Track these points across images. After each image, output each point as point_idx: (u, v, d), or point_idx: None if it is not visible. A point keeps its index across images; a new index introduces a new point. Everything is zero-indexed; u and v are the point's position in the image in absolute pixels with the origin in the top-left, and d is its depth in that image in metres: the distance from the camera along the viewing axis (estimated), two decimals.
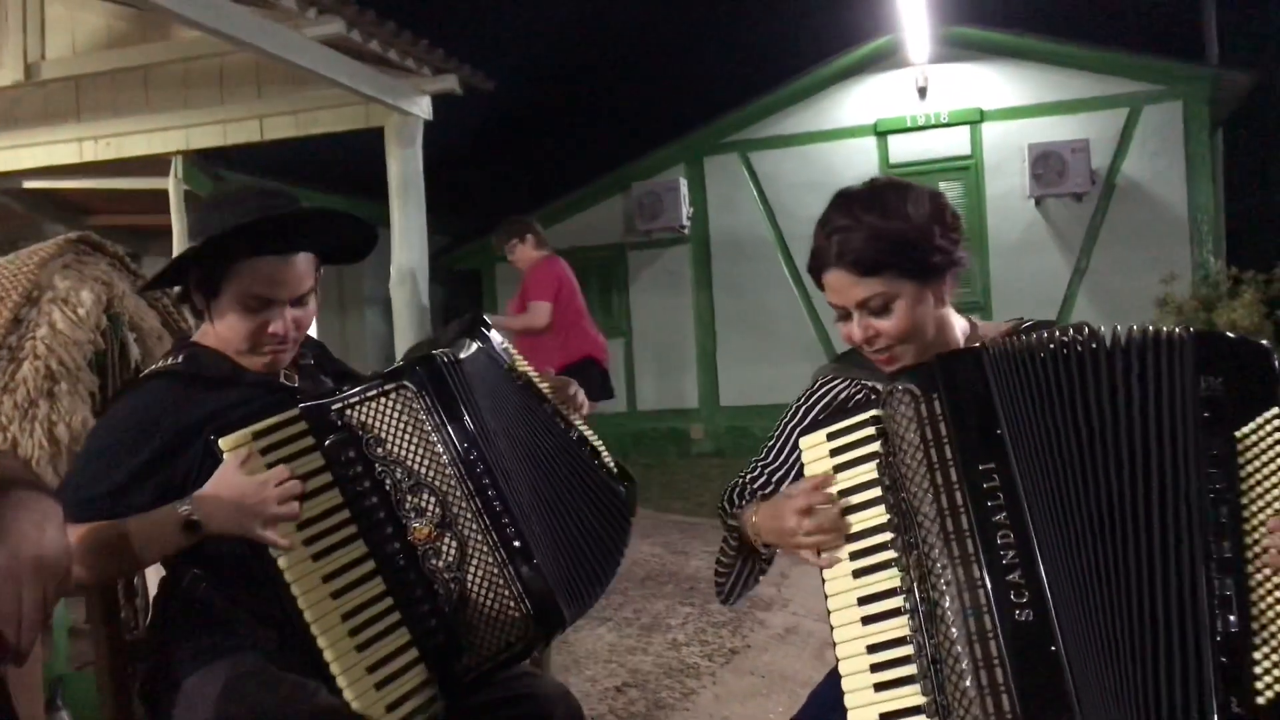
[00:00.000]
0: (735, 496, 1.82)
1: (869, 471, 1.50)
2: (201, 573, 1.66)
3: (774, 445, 1.83)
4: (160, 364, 1.78)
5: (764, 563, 1.80)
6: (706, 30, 15.38)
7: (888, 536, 1.47)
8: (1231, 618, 1.32)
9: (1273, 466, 1.36)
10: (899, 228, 1.58)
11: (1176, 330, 1.43)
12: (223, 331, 1.73)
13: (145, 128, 6.62)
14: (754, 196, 10.05)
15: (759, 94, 9.99)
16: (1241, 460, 1.37)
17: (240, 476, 1.56)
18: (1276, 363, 1.41)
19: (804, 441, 1.58)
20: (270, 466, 1.58)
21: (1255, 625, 1.32)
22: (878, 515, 1.48)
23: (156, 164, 7.20)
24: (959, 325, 1.72)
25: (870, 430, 1.51)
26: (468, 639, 1.61)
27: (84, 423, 2.59)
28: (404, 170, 6.28)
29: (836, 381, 1.78)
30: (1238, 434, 1.38)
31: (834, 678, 1.53)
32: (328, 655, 1.53)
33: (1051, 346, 1.46)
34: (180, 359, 1.76)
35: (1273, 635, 1.31)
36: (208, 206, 1.76)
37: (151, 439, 1.64)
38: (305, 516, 1.58)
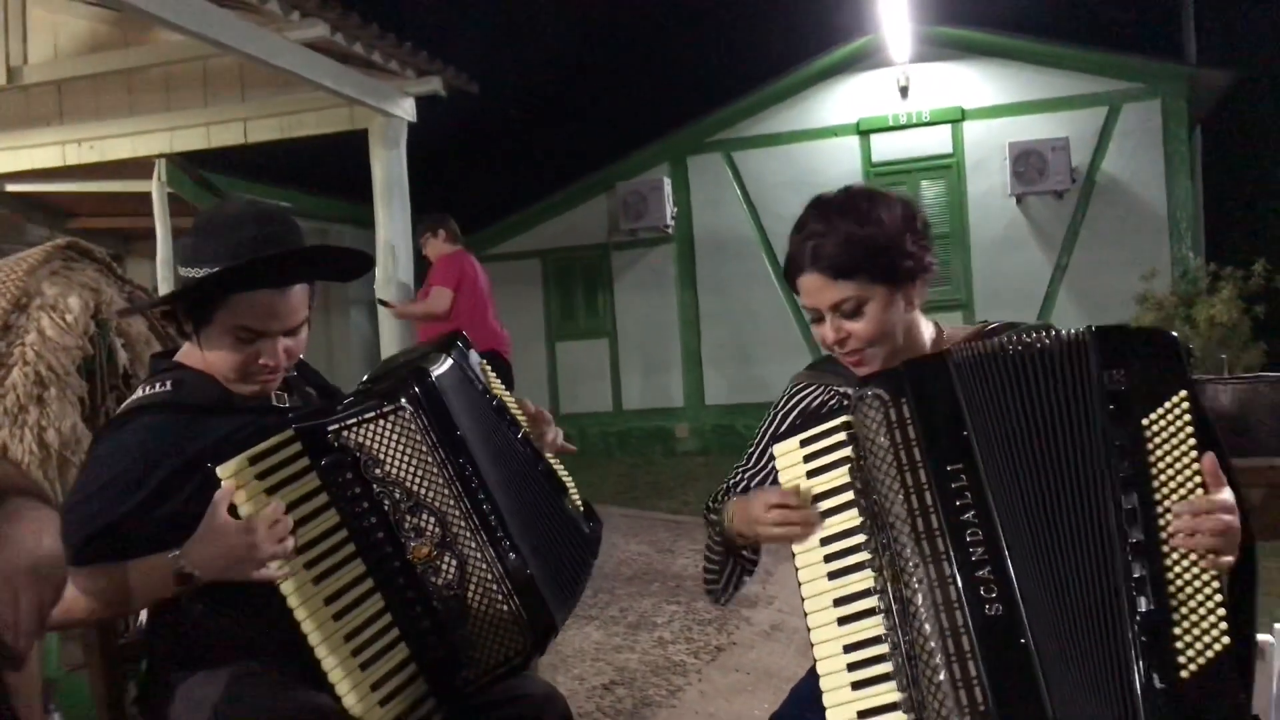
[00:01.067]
0: (720, 498, 1.87)
1: (841, 476, 1.54)
2: (196, 597, 1.65)
3: (753, 452, 1.89)
4: (146, 391, 1.73)
5: (749, 562, 1.85)
6: (689, 31, 15.41)
7: (861, 539, 1.51)
8: (1147, 599, 1.37)
9: (1182, 449, 1.41)
10: (871, 233, 1.64)
11: (1077, 331, 1.49)
12: (212, 359, 1.70)
13: (128, 131, 6.61)
14: (738, 196, 10.10)
15: (742, 94, 10.03)
16: (1150, 446, 1.42)
17: (226, 523, 1.54)
18: (1182, 349, 1.46)
19: (778, 449, 1.62)
20: (269, 491, 1.57)
21: (1173, 603, 1.37)
22: (851, 518, 1.52)
23: (140, 167, 7.19)
24: (927, 329, 1.77)
25: (841, 436, 1.55)
26: (467, 654, 1.63)
27: (73, 428, 2.61)
28: (388, 172, 6.30)
29: (811, 388, 1.83)
30: (1145, 421, 1.43)
31: (815, 674, 1.57)
32: (333, 675, 1.55)
33: (1006, 350, 1.51)
34: (168, 385, 1.71)
35: (1192, 611, 1.36)
36: (202, 231, 1.69)
37: (151, 476, 1.62)
38: (306, 539, 1.58)
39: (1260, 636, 2.15)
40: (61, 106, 6.51)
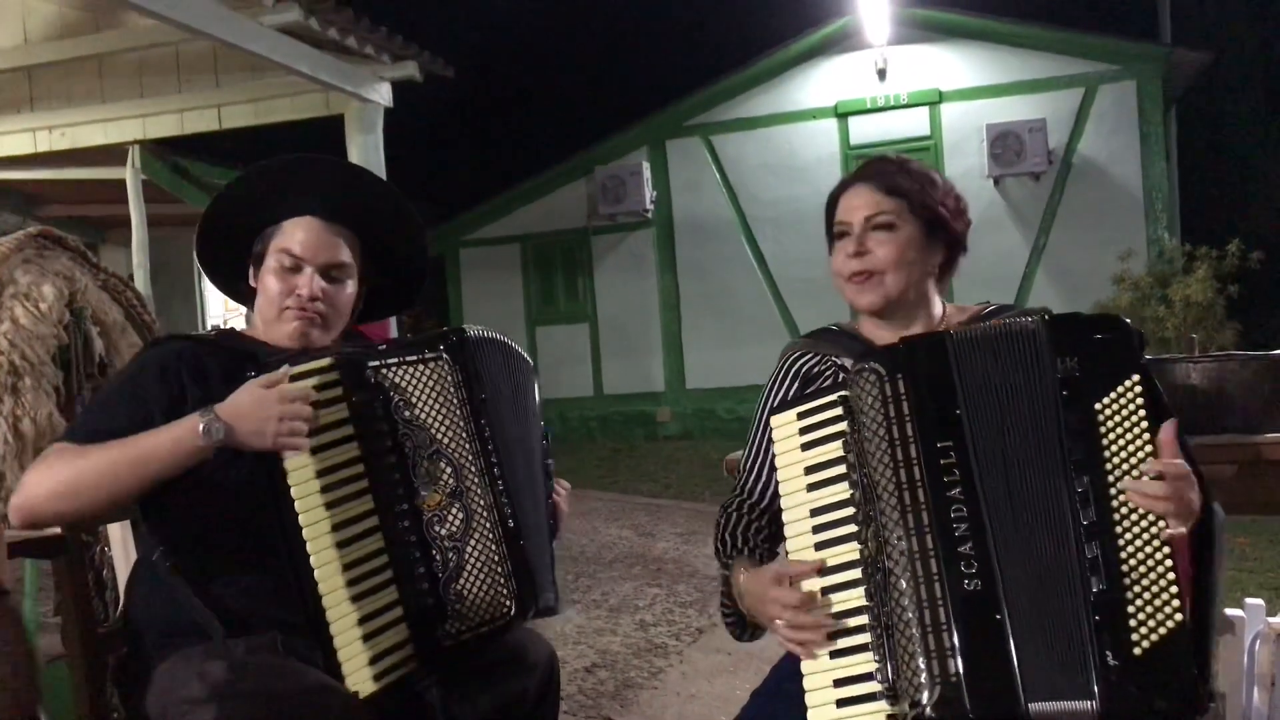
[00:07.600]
0: (729, 535, 1.80)
1: (835, 450, 1.56)
2: (168, 549, 1.67)
3: (754, 438, 1.87)
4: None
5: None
6: (667, 14, 15.38)
7: (850, 511, 1.53)
8: (1099, 578, 1.40)
9: (1135, 432, 1.44)
10: (926, 175, 1.75)
11: (1030, 320, 1.53)
12: (261, 304, 1.80)
13: (101, 117, 6.54)
14: (716, 179, 10.09)
15: (720, 77, 10.03)
16: (1103, 430, 1.45)
17: (261, 389, 1.59)
18: (1135, 335, 1.50)
19: (774, 420, 1.64)
20: None
21: (1126, 582, 1.39)
22: (842, 491, 1.54)
23: (113, 154, 7.12)
24: (937, 305, 1.80)
25: (838, 410, 1.57)
26: (455, 608, 1.65)
27: (49, 417, 2.59)
28: (365, 158, 6.25)
29: (806, 356, 1.83)
30: (1097, 406, 1.46)
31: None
32: (326, 601, 1.57)
33: (996, 334, 1.53)
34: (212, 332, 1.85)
35: (1144, 590, 1.39)
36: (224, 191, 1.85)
37: (167, 385, 1.68)
38: (324, 465, 1.61)
39: (1231, 611, 2.18)
40: (32, 92, 6.44)
